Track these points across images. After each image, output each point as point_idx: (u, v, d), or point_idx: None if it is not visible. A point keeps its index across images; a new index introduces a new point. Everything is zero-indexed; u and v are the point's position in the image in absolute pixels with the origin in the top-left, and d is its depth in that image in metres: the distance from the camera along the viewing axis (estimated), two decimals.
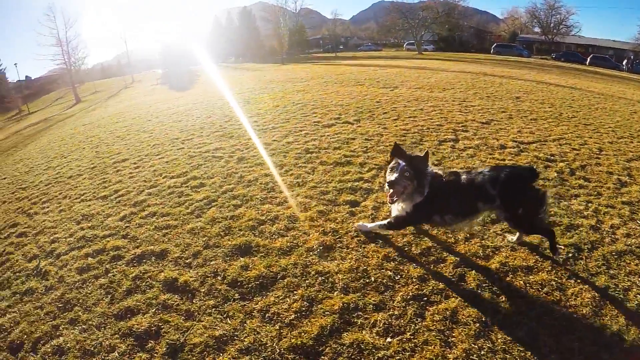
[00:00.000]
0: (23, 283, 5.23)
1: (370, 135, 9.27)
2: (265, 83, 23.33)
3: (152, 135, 12.52)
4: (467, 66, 30.11)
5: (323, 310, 3.71)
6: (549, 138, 8.70)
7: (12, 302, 4.88)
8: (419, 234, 4.80)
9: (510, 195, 3.95)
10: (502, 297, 3.73)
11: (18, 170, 12.63)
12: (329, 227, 5.13)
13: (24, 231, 6.98)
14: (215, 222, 5.69)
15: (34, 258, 5.83)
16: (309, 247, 4.74)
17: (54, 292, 4.82)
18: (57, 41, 53.75)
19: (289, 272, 4.32)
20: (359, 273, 4.16)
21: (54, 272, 5.26)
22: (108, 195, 7.61)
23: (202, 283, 4.41)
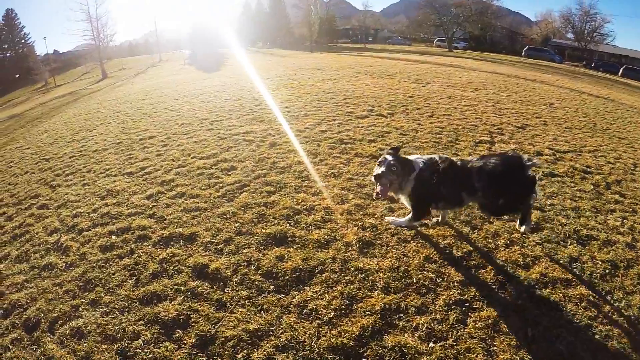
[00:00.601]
0: (42, 257, 5.00)
1: (405, 130, 8.91)
2: (294, 70, 22.97)
3: (180, 114, 12.29)
4: (499, 67, 29.42)
5: (364, 310, 3.52)
6: (584, 149, 8.27)
7: (29, 276, 4.66)
8: (460, 237, 4.58)
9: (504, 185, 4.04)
10: (542, 309, 3.56)
11: (42, 141, 12.49)
12: (367, 223, 4.87)
13: (45, 203, 6.77)
14: (248, 208, 5.40)
15: (55, 232, 5.59)
16: (348, 241, 4.49)
17: (74, 269, 4.57)
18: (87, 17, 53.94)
19: (327, 266, 4.09)
20: (400, 273, 3.95)
21: (75, 248, 5.01)
22: (134, 172, 7.35)
23: (234, 272, 4.14)
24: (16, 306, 4.15)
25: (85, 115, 16.24)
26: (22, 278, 4.64)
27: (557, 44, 71.18)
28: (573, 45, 69.57)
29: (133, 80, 33.88)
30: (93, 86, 38.36)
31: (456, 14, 67.43)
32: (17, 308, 4.12)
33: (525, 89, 17.03)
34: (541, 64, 44.90)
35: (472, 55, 48.52)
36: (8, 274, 4.83)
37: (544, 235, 4.64)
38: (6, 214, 6.78)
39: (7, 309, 4.15)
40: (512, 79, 20.80)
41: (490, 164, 4.02)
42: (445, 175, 4.10)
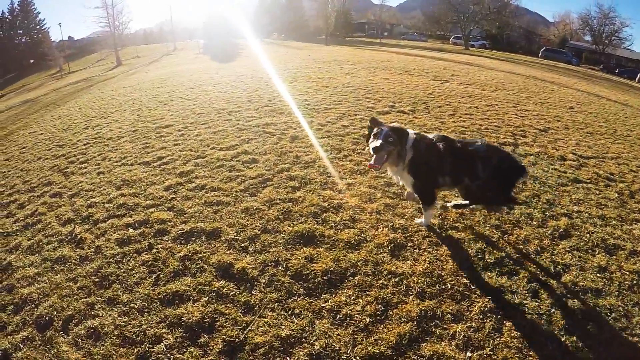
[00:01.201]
0: (55, 249, 4.78)
1: (428, 128, 8.64)
2: (311, 62, 22.70)
3: (197, 103, 12.05)
4: (516, 67, 28.97)
5: (399, 316, 3.36)
6: (606, 155, 7.97)
7: (41, 269, 4.43)
8: (491, 243, 4.41)
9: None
10: (574, 319, 3.44)
11: (56, 127, 12.32)
12: (397, 223, 4.67)
13: (58, 191, 6.56)
14: (273, 204, 5.16)
15: (69, 222, 5.37)
16: (379, 243, 4.29)
17: (89, 263, 4.34)
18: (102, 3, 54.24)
19: (360, 269, 3.89)
20: (434, 278, 3.78)
21: (90, 240, 4.78)
22: (151, 161, 7.11)
23: (261, 272, 3.92)
24: (27, 301, 3.92)
25: (99, 102, 16.06)
26: (33, 271, 4.41)
27: (575, 46, 70.40)
28: (590, 48, 68.73)
29: (147, 68, 33.74)
30: (107, 73, 38.32)
31: (474, 11, 66.54)
32: (29, 304, 3.89)
33: (544, 90, 16.72)
34: (558, 65, 44.31)
35: (488, 54, 48.04)
36: (19, 265, 4.62)
37: (572, 243, 4.51)
38: (18, 201, 6.58)
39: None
40: (531, 80, 20.46)
41: (498, 157, 4.17)
42: (443, 151, 4.13)
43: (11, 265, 4.64)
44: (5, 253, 4.98)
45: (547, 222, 4.86)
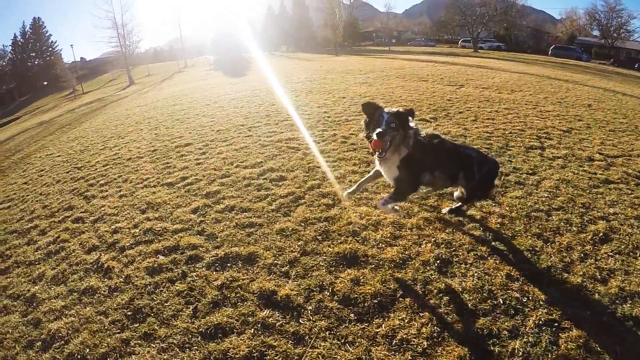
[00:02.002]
0: (81, 279, 4.55)
1: (453, 135, 8.39)
2: (323, 73, 22.61)
3: (214, 120, 11.89)
4: (528, 67, 28.62)
5: (457, 337, 3.17)
6: (632, 153, 7.73)
7: (68, 302, 4.19)
8: (534, 251, 4.22)
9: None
10: (625, 325, 3.29)
11: (73, 148, 12.24)
12: (440, 238, 4.46)
13: (80, 216, 6.35)
14: (309, 224, 4.92)
15: (93, 250, 5.15)
16: (425, 260, 4.08)
17: (119, 295, 4.09)
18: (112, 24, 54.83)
19: (409, 289, 3.70)
20: (484, 293, 3.59)
21: (118, 269, 4.54)
22: (174, 182, 6.90)
23: (307, 299, 3.66)
24: (56, 337, 3.67)
25: (115, 121, 16.02)
26: (60, 303, 4.17)
27: (583, 41, 69.55)
28: (599, 42, 68.06)
29: (160, 86, 33.92)
30: (120, 92, 38.53)
31: (481, 13, 66.33)
32: (58, 340, 3.64)
33: (559, 90, 16.42)
34: (569, 62, 43.78)
35: (498, 56, 47.61)
36: (44, 297, 4.37)
37: (614, 246, 4.34)
38: (39, 227, 6.39)
39: None
40: (544, 79, 20.14)
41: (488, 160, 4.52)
42: (438, 146, 4.18)
43: (36, 297, 4.41)
44: (28, 284, 4.77)
45: (586, 227, 4.69)
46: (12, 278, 4.98)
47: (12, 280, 4.92)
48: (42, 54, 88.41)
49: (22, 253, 5.59)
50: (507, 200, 5.27)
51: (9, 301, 4.48)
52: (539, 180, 5.93)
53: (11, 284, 4.84)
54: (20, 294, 4.56)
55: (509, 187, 5.67)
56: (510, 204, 5.13)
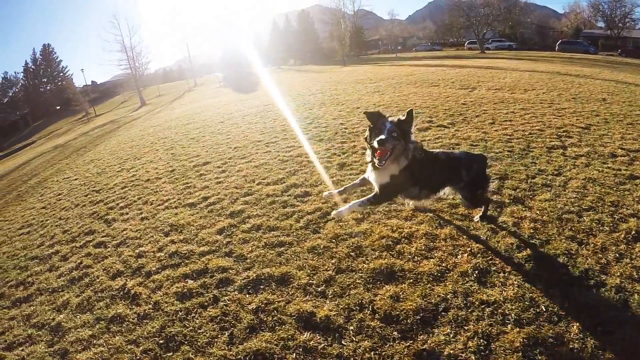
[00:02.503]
0: (108, 307, 4.40)
1: (473, 140, 8.24)
2: (334, 85, 22.57)
3: (230, 137, 11.83)
4: (537, 65, 28.29)
5: (504, 348, 3.07)
6: None
7: (96, 330, 4.04)
8: (570, 255, 4.08)
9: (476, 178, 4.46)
10: None
11: (89, 171, 12.22)
12: (475, 247, 4.33)
13: (102, 240, 6.25)
14: (340, 240, 4.77)
15: (118, 275, 5.02)
16: (463, 271, 3.95)
17: (149, 322, 3.93)
18: (121, 47, 55.39)
19: (451, 302, 3.56)
20: (526, 302, 3.48)
21: (145, 295, 4.40)
22: (196, 202, 6.78)
23: (347, 319, 3.51)
24: None
25: (130, 143, 16.04)
26: (87, 333, 4.03)
27: (589, 34, 68.78)
28: (605, 34, 67.47)
29: (172, 106, 34.06)
30: (133, 114, 38.79)
31: (485, 14, 66.15)
32: None
33: (572, 85, 16.19)
34: (577, 57, 43.29)
35: (505, 55, 47.29)
36: (70, 326, 4.23)
37: None
38: (60, 252, 6.30)
39: None
40: (555, 76, 19.89)
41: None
42: (432, 163, 4.26)
43: (61, 326, 4.27)
44: (53, 312, 4.64)
45: (618, 226, 4.57)
46: (36, 306, 4.87)
47: (36, 309, 4.80)
48: (54, 79, 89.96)
49: (45, 280, 5.48)
50: (537, 203, 5.14)
51: (34, 330, 4.36)
52: (565, 181, 5.81)
53: (35, 313, 4.72)
54: (45, 323, 4.43)
55: (536, 190, 5.54)
56: (540, 208, 5.02)
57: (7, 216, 10.02)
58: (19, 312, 4.84)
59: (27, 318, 4.65)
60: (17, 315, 4.79)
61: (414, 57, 57.71)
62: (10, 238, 7.91)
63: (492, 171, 6.32)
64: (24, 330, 4.40)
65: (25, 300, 5.10)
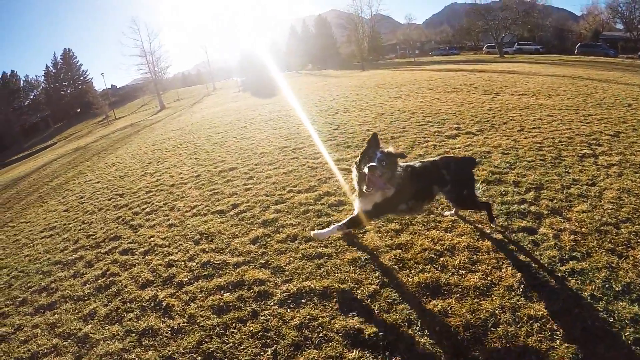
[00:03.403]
0: (138, 319, 4.22)
1: (504, 148, 7.99)
2: (354, 89, 22.37)
3: (254, 142, 11.68)
4: (558, 69, 27.84)
5: None
6: None
7: (127, 344, 3.85)
8: (611, 268, 3.96)
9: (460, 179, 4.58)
10: None
11: (112, 174, 12.14)
12: (518, 260, 4.21)
13: (128, 247, 6.08)
14: (381, 252, 4.57)
15: (148, 285, 4.84)
16: (508, 285, 3.83)
17: (185, 337, 3.74)
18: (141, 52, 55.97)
19: (500, 318, 3.44)
20: (572, 316, 3.38)
21: (178, 308, 4.21)
22: (225, 210, 6.59)
23: (397, 335, 3.36)
24: None
25: (151, 146, 15.97)
26: (117, 346, 3.85)
27: (609, 36, 67.66)
28: (625, 36, 66.35)
29: (192, 110, 34.09)
30: (152, 117, 38.94)
31: (504, 17, 65.44)
32: None
33: (595, 90, 15.78)
34: (597, 60, 42.67)
35: (524, 59, 46.69)
36: (98, 338, 4.05)
37: None
38: (84, 258, 6.15)
39: None
40: (578, 80, 19.48)
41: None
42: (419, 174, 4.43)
43: (89, 338, 4.09)
44: (79, 321, 4.47)
45: None
46: (61, 314, 4.71)
47: (61, 317, 4.64)
48: (74, 82, 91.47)
49: (69, 287, 5.33)
50: (574, 215, 5.00)
51: (59, 341, 4.19)
52: (600, 191, 5.65)
53: (60, 321, 4.56)
54: (71, 333, 4.27)
55: (573, 201, 5.39)
56: (578, 219, 4.87)
57: (28, 217, 9.95)
58: (42, 320, 4.69)
59: (51, 327, 4.50)
60: (40, 323, 4.65)
61: (432, 61, 57.53)
62: (32, 241, 7.81)
63: (527, 181, 6.15)
64: (49, 340, 4.25)
65: (49, 308, 4.95)
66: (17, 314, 5.04)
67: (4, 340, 4.51)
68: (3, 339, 4.56)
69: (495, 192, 5.81)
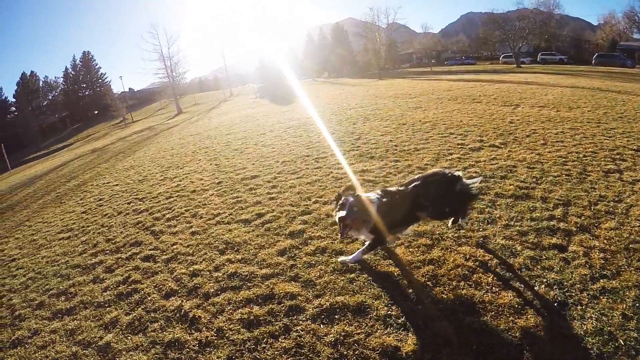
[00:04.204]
0: (163, 330, 4.10)
1: (529, 162, 7.81)
2: (373, 99, 22.24)
3: (275, 150, 11.58)
4: (576, 80, 27.39)
5: None
6: None
7: (152, 356, 3.74)
8: None
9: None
10: None
11: (130, 177, 12.12)
12: (550, 278, 4.10)
13: (150, 254, 5.99)
14: (413, 267, 4.46)
15: (172, 295, 4.72)
16: (542, 303, 3.76)
17: (214, 351, 3.63)
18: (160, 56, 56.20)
19: (536, 337, 3.37)
20: (605, 335, 3.32)
21: (205, 320, 4.09)
22: (250, 219, 6.48)
23: (434, 354, 3.26)
24: None
25: (170, 150, 15.96)
26: (142, 357, 3.74)
27: (626, 46, 66.73)
28: None
29: (209, 115, 34.14)
30: (169, 121, 39.04)
31: (520, 27, 64.92)
32: None
33: (616, 103, 15.49)
34: (614, 71, 42.22)
35: (542, 69, 46.23)
36: (120, 348, 3.94)
37: None
38: (104, 263, 6.07)
39: None
40: (597, 92, 19.15)
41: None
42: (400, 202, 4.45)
43: (111, 347, 3.98)
44: (100, 329, 4.36)
45: None
46: (80, 321, 4.62)
47: (81, 324, 4.54)
48: (93, 85, 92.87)
49: (89, 292, 5.24)
50: (603, 232, 4.89)
51: (79, 349, 4.09)
52: (627, 208, 5.52)
53: (80, 328, 4.47)
54: (91, 341, 4.17)
55: (600, 218, 5.27)
56: (607, 237, 4.76)
57: (45, 217, 9.94)
58: (61, 326, 4.60)
59: (70, 333, 4.41)
60: (59, 328, 4.56)
61: (449, 70, 57.28)
62: (50, 242, 7.77)
63: (555, 196, 6.01)
64: (68, 347, 4.15)
65: (68, 313, 4.86)
66: (34, 317, 4.96)
67: (20, 344, 4.43)
68: (19, 342, 4.48)
69: (523, 208, 5.67)
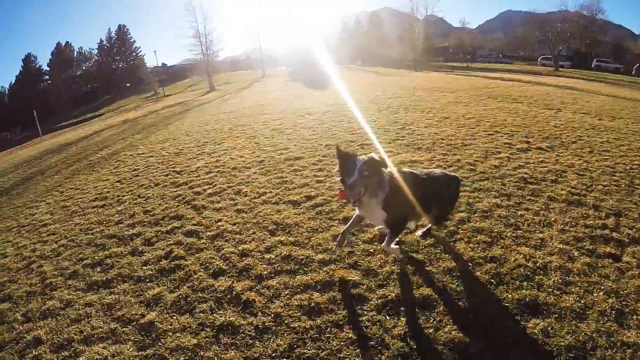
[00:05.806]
0: (212, 311, 3.89)
1: (578, 169, 7.49)
2: (409, 90, 21.75)
3: (317, 133, 11.34)
4: (617, 90, 26.49)
5: None
6: None
7: (202, 339, 3.53)
8: None
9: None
10: None
11: (166, 149, 12.07)
12: (607, 286, 3.99)
13: (193, 229, 5.81)
14: (475, 264, 4.28)
15: (221, 274, 4.52)
16: (601, 310, 3.65)
17: (273, 338, 3.43)
18: (195, 33, 56.59)
19: (597, 342, 3.29)
20: None
21: (260, 304, 3.90)
22: (299, 201, 6.27)
23: (502, 355, 3.19)
24: None
25: (205, 126, 15.86)
26: (191, 341, 3.52)
27: None
28: None
29: (241, 94, 33.99)
30: (202, 98, 39.03)
31: (562, 29, 63.08)
32: None
33: None
34: None
35: (580, 75, 44.81)
36: (166, 329, 3.72)
37: None
38: (142, 235, 5.92)
39: None
40: (639, 104, 18.35)
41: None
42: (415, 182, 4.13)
43: (154, 327, 3.77)
44: (141, 306, 4.15)
45: None
46: (119, 295, 4.43)
47: (120, 298, 4.35)
48: (126, 58, 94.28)
49: (127, 265, 5.07)
50: None
51: (118, 326, 3.89)
52: None
53: (118, 303, 4.27)
54: (132, 319, 3.96)
55: None
56: None
57: (77, 184, 9.93)
58: (97, 299, 4.42)
59: (108, 308, 4.22)
60: (94, 302, 4.37)
61: (485, 68, 56.18)
62: (84, 209, 7.72)
63: (606, 206, 5.81)
64: (105, 323, 3.96)
65: (105, 286, 4.67)
66: (67, 287, 4.81)
67: (51, 316, 4.26)
68: (50, 313, 4.31)
69: (577, 214, 5.49)
